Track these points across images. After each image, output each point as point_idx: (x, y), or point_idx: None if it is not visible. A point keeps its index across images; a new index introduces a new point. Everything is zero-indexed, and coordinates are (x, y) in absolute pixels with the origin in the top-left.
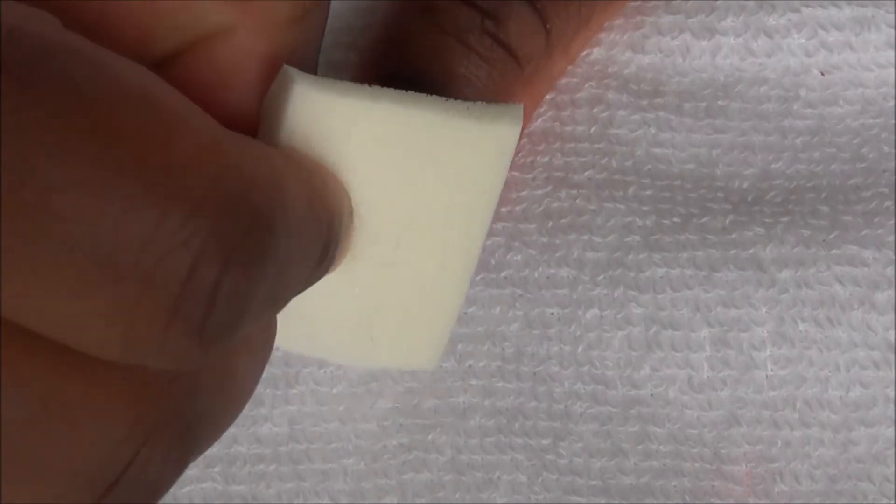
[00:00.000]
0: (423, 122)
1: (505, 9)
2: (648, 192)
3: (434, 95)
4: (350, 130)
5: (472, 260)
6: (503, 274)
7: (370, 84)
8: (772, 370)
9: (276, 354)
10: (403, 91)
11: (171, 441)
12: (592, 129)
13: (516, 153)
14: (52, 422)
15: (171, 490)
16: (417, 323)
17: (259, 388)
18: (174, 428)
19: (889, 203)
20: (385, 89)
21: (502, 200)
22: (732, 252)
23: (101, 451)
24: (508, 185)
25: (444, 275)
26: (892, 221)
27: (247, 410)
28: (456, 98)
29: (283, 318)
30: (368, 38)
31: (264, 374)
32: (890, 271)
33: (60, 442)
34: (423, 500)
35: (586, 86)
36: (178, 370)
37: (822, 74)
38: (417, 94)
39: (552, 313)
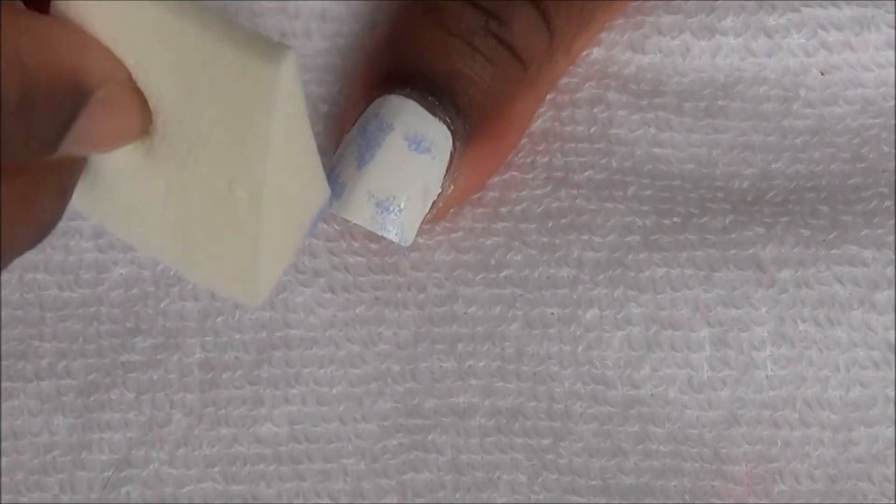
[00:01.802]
0: (187, 35)
1: (509, 10)
2: (648, 192)
3: (215, 11)
4: (124, 15)
5: (261, 199)
6: (503, 274)
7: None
8: (772, 370)
9: (276, 354)
10: None
11: None
12: (592, 129)
13: (516, 153)
14: None
15: (171, 490)
16: (226, 246)
17: (259, 388)
18: None
19: (889, 203)
20: None
21: (502, 200)
22: (732, 252)
23: None
24: (508, 185)
25: (237, 202)
26: (892, 221)
27: (247, 410)
28: (460, 95)
29: (113, 204)
30: (373, 39)
31: (264, 374)
32: (890, 271)
33: None
34: (423, 500)
35: (586, 86)
36: None
37: (822, 74)
38: (196, 5)
39: (552, 313)
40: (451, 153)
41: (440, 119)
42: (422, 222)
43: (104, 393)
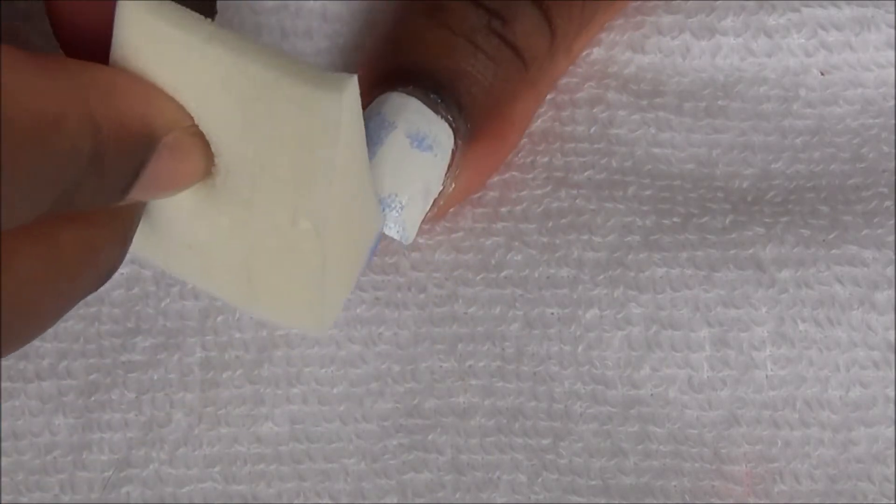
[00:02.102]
0: (249, 73)
1: (511, 9)
2: (648, 192)
3: (272, 47)
4: (184, 60)
5: (324, 228)
6: (503, 274)
7: (375, 82)
8: (772, 370)
9: (276, 353)
10: (240, 35)
11: None
12: (592, 129)
13: (516, 153)
14: None
15: (171, 490)
16: (291, 278)
17: (260, 387)
18: None
19: (889, 203)
20: (221, 30)
21: (502, 200)
22: (732, 252)
23: None
24: (508, 185)
25: (301, 234)
26: (892, 221)
27: (247, 409)
28: (462, 93)
29: (173, 245)
30: (375, 37)
31: (265, 373)
32: (890, 271)
33: None
34: (423, 500)
35: (586, 86)
36: None
37: (822, 74)
38: (253, 43)
39: (552, 313)
40: (452, 151)
41: (442, 117)
42: (422, 221)
43: (105, 393)
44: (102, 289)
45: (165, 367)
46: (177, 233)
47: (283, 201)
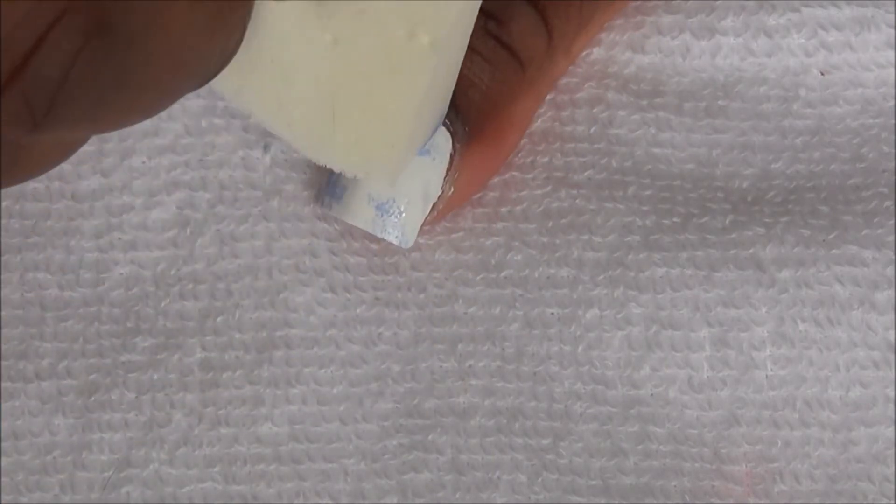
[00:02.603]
0: None
1: (507, 10)
2: (648, 192)
3: None
4: None
5: (441, 48)
6: (503, 274)
7: None
8: (772, 370)
9: (276, 354)
10: None
11: (80, 34)
12: (592, 129)
13: (516, 153)
14: None
15: (171, 490)
16: (384, 107)
17: (260, 388)
18: (83, 19)
19: (889, 203)
20: None
21: (502, 200)
22: (732, 252)
23: (11, 12)
24: (508, 185)
25: (417, 49)
26: (892, 221)
27: (247, 410)
28: (459, 96)
29: (259, 69)
30: None
31: (265, 374)
32: (890, 271)
33: None
34: (423, 500)
35: (586, 86)
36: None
37: (822, 74)
38: None
39: (552, 313)
40: (450, 155)
41: None
42: (422, 224)
43: (104, 393)
44: (102, 288)
45: (165, 367)
46: (268, 52)
47: (403, 13)
